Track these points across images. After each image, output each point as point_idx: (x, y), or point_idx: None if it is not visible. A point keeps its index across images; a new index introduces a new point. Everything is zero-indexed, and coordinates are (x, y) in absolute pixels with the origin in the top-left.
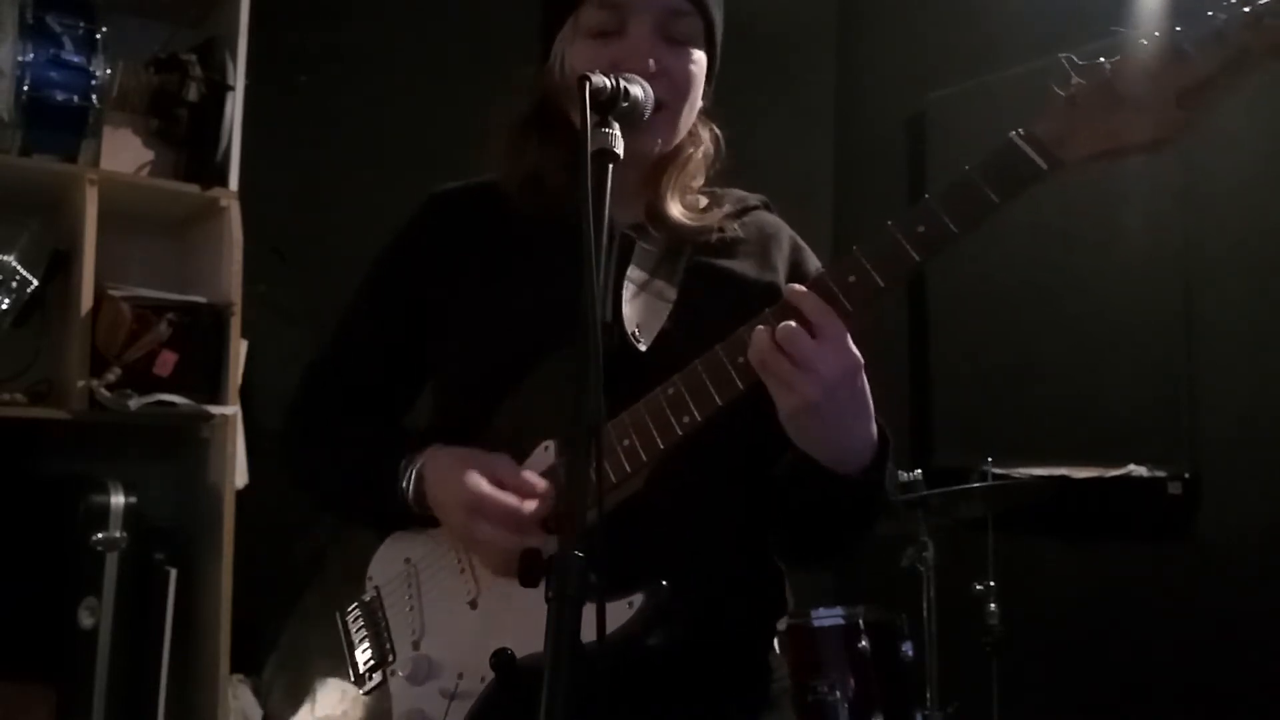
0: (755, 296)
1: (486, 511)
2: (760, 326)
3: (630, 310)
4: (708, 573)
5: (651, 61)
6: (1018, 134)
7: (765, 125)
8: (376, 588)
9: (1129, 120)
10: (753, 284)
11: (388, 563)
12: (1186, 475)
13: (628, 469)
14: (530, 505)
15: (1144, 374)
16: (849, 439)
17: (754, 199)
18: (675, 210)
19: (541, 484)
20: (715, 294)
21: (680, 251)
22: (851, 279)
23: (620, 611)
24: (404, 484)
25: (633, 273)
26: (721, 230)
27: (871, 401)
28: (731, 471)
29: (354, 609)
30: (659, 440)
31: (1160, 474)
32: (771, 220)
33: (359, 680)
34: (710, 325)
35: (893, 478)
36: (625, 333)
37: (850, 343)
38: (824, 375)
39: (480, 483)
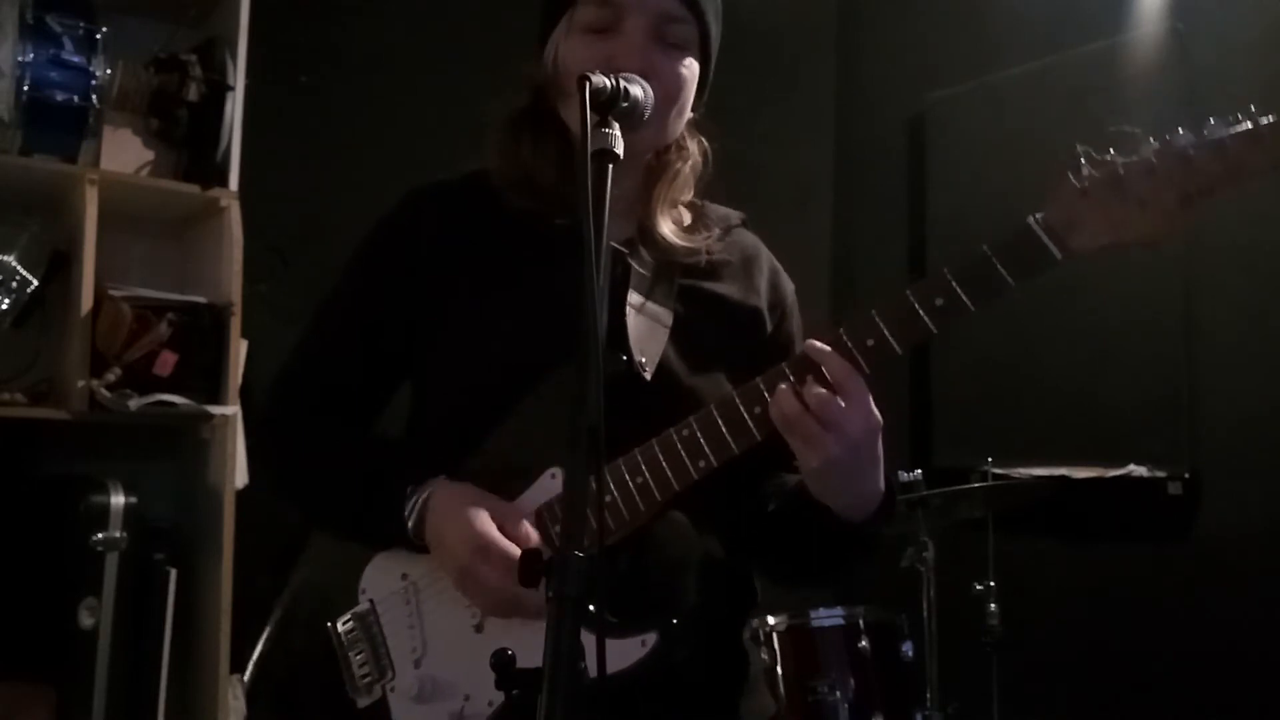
0: (744, 321)
1: (491, 556)
2: (782, 385)
3: (633, 335)
4: (709, 596)
5: (644, 61)
6: (1035, 219)
7: (765, 125)
8: (371, 600)
9: (1133, 215)
10: (740, 308)
11: (383, 577)
12: (1186, 475)
13: (641, 507)
14: None
15: (1144, 374)
16: (863, 492)
17: (734, 217)
18: (666, 228)
19: (535, 536)
20: (709, 318)
21: (671, 273)
22: (869, 342)
23: (633, 649)
24: (408, 513)
25: (631, 296)
26: (709, 252)
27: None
28: (725, 497)
29: (348, 620)
30: (674, 481)
31: (1160, 474)
32: (751, 241)
33: (355, 692)
34: (708, 351)
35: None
36: (632, 359)
37: (873, 404)
38: (850, 435)
39: (490, 527)
